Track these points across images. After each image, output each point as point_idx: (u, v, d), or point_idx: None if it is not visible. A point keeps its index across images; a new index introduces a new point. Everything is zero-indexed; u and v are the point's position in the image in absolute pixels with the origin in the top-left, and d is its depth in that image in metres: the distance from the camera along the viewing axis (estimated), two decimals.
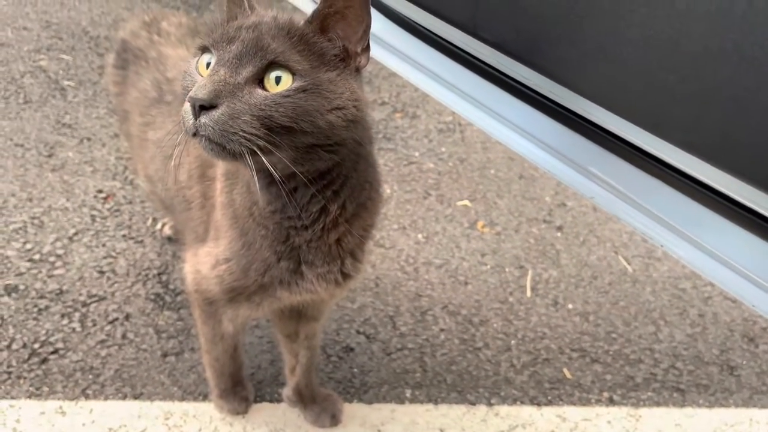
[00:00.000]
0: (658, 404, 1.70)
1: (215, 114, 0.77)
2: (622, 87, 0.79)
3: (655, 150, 0.99)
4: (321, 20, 0.85)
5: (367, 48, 0.90)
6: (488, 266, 2.06)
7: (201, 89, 0.77)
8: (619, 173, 1.16)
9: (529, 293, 1.98)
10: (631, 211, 1.19)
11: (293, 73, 0.81)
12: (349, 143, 0.91)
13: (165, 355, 1.67)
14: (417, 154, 2.54)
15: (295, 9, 1.84)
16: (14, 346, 1.64)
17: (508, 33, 0.89)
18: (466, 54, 1.27)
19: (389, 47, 1.59)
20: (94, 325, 1.72)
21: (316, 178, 0.94)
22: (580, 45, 0.80)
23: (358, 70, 0.90)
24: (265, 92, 0.80)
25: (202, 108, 0.77)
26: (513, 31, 0.88)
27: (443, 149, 2.59)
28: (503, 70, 1.15)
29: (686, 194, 1.03)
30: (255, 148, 0.78)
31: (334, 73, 0.85)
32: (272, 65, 0.81)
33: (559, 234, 2.23)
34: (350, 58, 0.88)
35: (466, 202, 2.32)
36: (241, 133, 0.77)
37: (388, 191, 2.31)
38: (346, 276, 1.12)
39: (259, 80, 0.81)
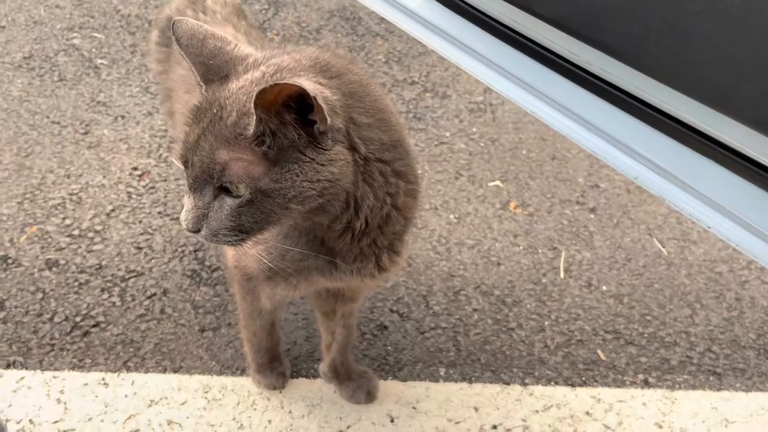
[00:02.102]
0: (694, 387, 1.68)
1: (202, 235, 0.89)
2: (687, 62, 0.77)
3: (709, 127, 0.97)
4: (269, 114, 0.78)
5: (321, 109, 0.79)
6: (521, 247, 2.05)
7: (184, 221, 0.89)
8: (665, 152, 1.14)
9: (562, 275, 1.97)
10: (676, 191, 1.17)
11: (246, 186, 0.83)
12: (340, 192, 0.88)
13: (203, 330, 1.69)
14: (448, 134, 2.52)
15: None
16: (56, 319, 1.68)
17: (565, 8, 0.87)
18: (509, 30, 1.25)
19: (427, 24, 1.57)
20: (133, 299, 1.75)
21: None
22: (643, 19, 0.78)
23: (323, 133, 0.82)
24: (231, 199, 0.84)
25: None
26: (571, 5, 0.87)
27: (474, 129, 2.56)
28: (550, 47, 1.13)
29: (740, 174, 1.01)
30: (247, 242, 0.90)
31: (289, 163, 0.81)
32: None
33: (592, 216, 2.21)
34: (309, 127, 0.81)
35: (497, 182, 2.30)
36: (226, 240, 0.88)
37: (419, 172, 2.30)
38: (382, 269, 1.11)
39: (223, 189, 0.85)
